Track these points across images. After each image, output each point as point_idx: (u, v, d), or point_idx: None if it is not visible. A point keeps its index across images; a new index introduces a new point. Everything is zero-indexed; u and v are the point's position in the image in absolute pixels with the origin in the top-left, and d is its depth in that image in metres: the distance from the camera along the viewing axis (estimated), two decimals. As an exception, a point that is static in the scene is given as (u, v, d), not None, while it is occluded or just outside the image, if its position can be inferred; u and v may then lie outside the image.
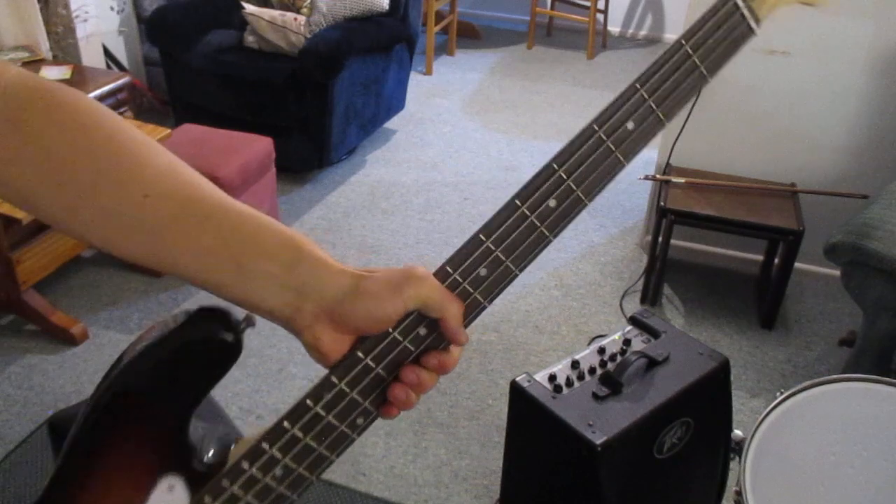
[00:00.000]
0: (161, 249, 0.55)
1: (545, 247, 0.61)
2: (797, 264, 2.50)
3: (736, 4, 0.56)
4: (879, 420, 1.37)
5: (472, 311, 0.59)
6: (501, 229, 0.58)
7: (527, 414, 1.49)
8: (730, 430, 1.56)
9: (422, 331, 0.58)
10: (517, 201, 0.58)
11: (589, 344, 1.74)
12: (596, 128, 0.57)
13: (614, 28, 5.41)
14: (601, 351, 1.53)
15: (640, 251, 2.93)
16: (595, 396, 1.41)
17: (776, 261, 2.59)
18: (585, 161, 0.57)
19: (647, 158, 3.55)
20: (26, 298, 2.35)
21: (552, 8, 5.29)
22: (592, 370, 1.48)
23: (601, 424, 1.35)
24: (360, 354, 0.58)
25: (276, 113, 3.20)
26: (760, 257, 2.75)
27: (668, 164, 2.67)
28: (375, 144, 3.68)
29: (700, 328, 2.54)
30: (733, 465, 1.58)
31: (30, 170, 0.54)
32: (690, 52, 0.56)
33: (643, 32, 5.42)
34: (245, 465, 0.60)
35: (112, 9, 3.59)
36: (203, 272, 0.55)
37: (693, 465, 1.58)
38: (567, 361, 1.50)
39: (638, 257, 2.89)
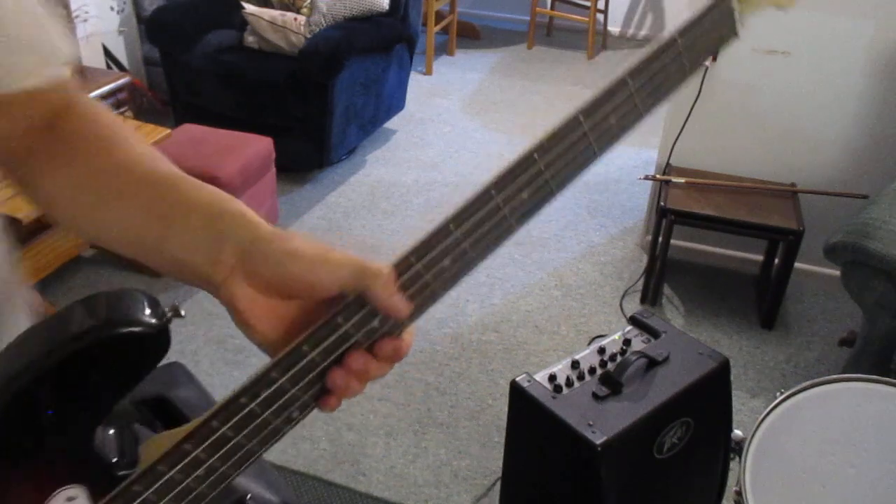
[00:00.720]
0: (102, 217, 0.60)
1: (507, 238, 0.59)
2: (797, 264, 2.50)
3: (731, 8, 0.57)
4: (880, 420, 1.37)
5: (428, 302, 0.57)
6: (472, 220, 0.56)
7: (527, 414, 1.49)
8: (730, 430, 1.56)
9: (375, 323, 0.56)
10: (492, 191, 0.56)
11: (589, 344, 1.74)
12: (581, 119, 0.57)
13: (614, 28, 5.41)
14: (601, 351, 1.53)
15: (641, 251, 2.93)
16: (595, 396, 1.41)
17: (776, 261, 2.59)
18: (564, 154, 0.57)
19: (647, 158, 3.55)
20: (26, 298, 2.35)
21: (552, 8, 5.29)
22: (592, 370, 1.48)
23: (601, 424, 1.35)
24: (304, 348, 0.53)
25: (276, 113, 3.20)
26: (760, 257, 2.75)
27: (668, 164, 2.67)
28: (375, 144, 3.68)
29: (700, 328, 2.54)
30: (733, 465, 1.58)
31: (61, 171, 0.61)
32: (682, 49, 0.56)
33: (643, 32, 5.42)
34: (162, 468, 0.54)
35: (112, 9, 3.60)
36: (132, 232, 0.58)
37: (693, 465, 1.58)
38: (567, 361, 1.50)
39: (638, 257, 2.89)
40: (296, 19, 3.23)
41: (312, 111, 3.15)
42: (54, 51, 0.65)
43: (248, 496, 0.65)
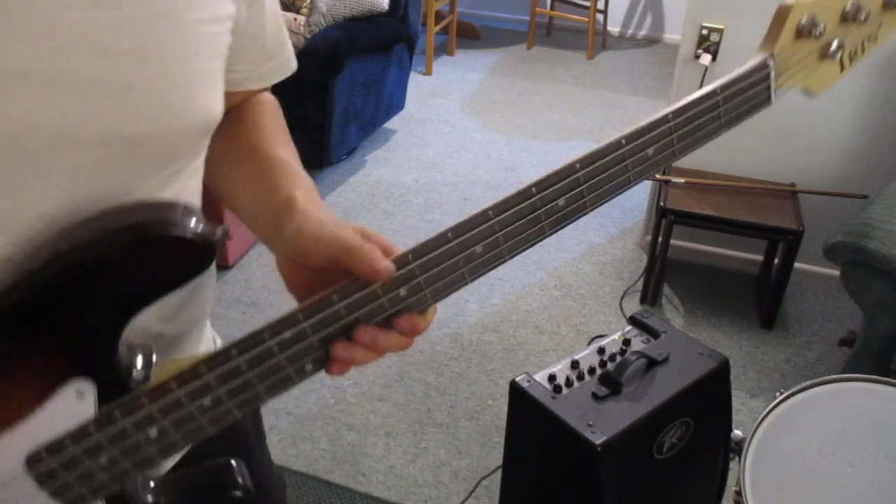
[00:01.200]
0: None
1: (498, 264, 0.59)
2: (797, 264, 2.50)
3: (769, 74, 0.61)
4: (879, 420, 1.37)
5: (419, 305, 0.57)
6: (469, 234, 0.57)
7: (527, 414, 1.49)
8: (729, 430, 1.56)
9: (402, 292, 0.56)
10: (490, 212, 0.57)
11: (589, 344, 1.75)
12: (623, 142, 0.59)
13: (614, 28, 5.41)
14: (601, 351, 1.53)
15: (640, 251, 2.93)
16: (595, 396, 1.41)
17: (776, 261, 2.59)
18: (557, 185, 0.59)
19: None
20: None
21: (552, 8, 5.29)
22: (592, 370, 1.48)
23: (601, 424, 1.35)
24: (334, 297, 0.54)
25: (275, 113, 3.19)
26: (760, 257, 2.75)
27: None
28: (375, 144, 3.68)
29: (700, 328, 2.54)
30: (733, 464, 1.58)
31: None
32: (721, 102, 0.60)
33: (643, 32, 5.42)
34: (173, 385, 0.54)
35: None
36: (243, 201, 0.70)
37: (693, 465, 1.58)
38: (567, 361, 1.50)
39: (638, 257, 2.89)
40: (295, 19, 3.23)
41: (312, 111, 3.15)
42: (289, 55, 0.78)
43: (235, 462, 0.65)
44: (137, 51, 0.53)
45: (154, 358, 0.58)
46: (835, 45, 0.61)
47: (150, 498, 0.61)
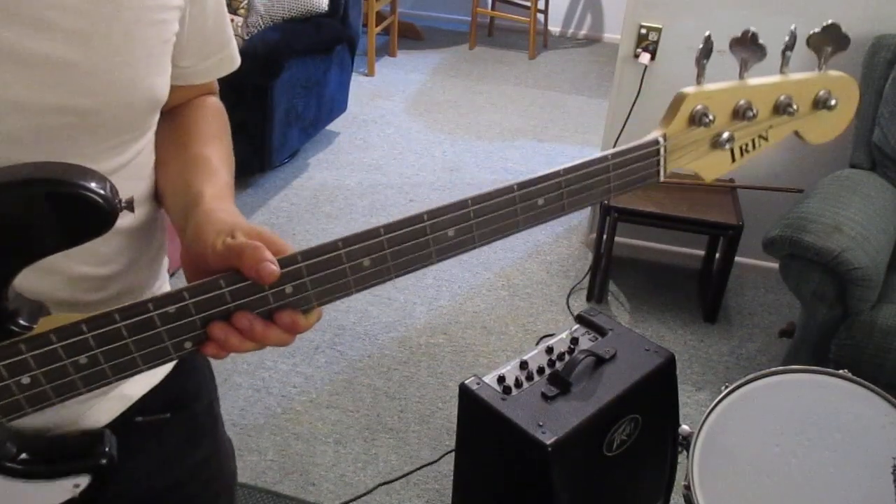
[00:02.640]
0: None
1: (384, 280, 0.61)
2: (737, 258, 2.55)
3: (659, 151, 0.65)
4: (819, 410, 1.40)
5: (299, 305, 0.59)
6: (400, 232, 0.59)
7: (477, 416, 1.48)
8: (677, 424, 1.58)
9: (288, 289, 0.57)
10: (381, 230, 0.59)
11: (537, 344, 1.75)
12: (515, 188, 0.63)
13: (555, 28, 5.46)
14: (549, 350, 1.53)
15: (585, 249, 2.95)
16: (544, 397, 1.41)
17: (717, 255, 2.65)
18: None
19: (590, 156, 3.58)
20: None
21: (493, 8, 5.31)
22: (541, 370, 1.48)
23: (551, 424, 1.35)
24: (221, 282, 0.56)
25: (214, 116, 3.12)
26: (702, 252, 2.80)
27: (610, 162, 2.69)
28: (318, 147, 3.63)
29: (645, 324, 2.57)
30: (681, 459, 1.59)
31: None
32: (612, 168, 0.65)
33: (583, 32, 5.48)
34: (53, 337, 0.54)
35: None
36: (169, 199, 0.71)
37: (642, 460, 1.59)
38: (516, 362, 1.50)
39: (583, 255, 2.92)
40: (233, 20, 3.16)
41: (252, 114, 3.08)
42: (233, 52, 0.79)
43: (105, 447, 0.67)
44: (84, 32, 0.57)
45: (43, 312, 0.59)
46: (724, 136, 0.66)
47: (10, 447, 0.63)
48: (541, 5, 4.97)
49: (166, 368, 0.80)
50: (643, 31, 2.53)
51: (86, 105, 0.59)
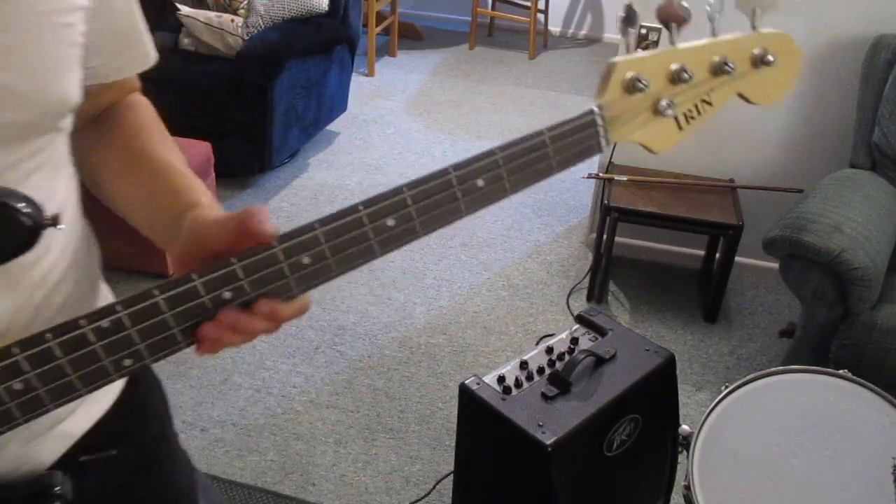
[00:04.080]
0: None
1: (326, 279, 0.60)
2: (737, 258, 2.55)
3: (595, 122, 0.64)
4: (819, 410, 1.40)
5: (281, 293, 0.58)
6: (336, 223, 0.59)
7: (477, 416, 1.48)
8: (677, 424, 1.58)
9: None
10: (360, 207, 0.59)
11: (537, 344, 1.74)
12: (451, 170, 0.62)
13: (555, 28, 5.46)
14: (549, 350, 1.53)
15: (586, 249, 2.95)
16: (544, 397, 1.41)
17: (717, 255, 2.64)
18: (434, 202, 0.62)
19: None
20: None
21: (493, 8, 5.31)
22: (541, 370, 1.48)
23: (551, 425, 1.35)
24: (192, 276, 0.55)
25: (214, 117, 3.12)
26: (702, 252, 2.80)
27: (610, 161, 2.69)
28: (318, 147, 3.63)
29: (645, 324, 2.57)
30: (681, 459, 1.59)
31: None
32: (549, 142, 0.64)
33: (583, 32, 5.48)
34: (16, 350, 0.53)
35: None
36: (136, 206, 0.72)
37: (642, 460, 1.59)
38: (516, 362, 1.50)
39: (583, 255, 2.92)
40: (232, 21, 3.17)
41: (252, 114, 3.08)
42: (147, 47, 0.78)
43: (57, 487, 0.66)
44: None
45: None
46: (664, 102, 0.66)
47: None
48: (541, 5, 4.97)
49: (109, 399, 0.77)
50: (643, 31, 2.53)
51: None
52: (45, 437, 0.69)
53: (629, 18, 0.67)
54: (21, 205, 0.53)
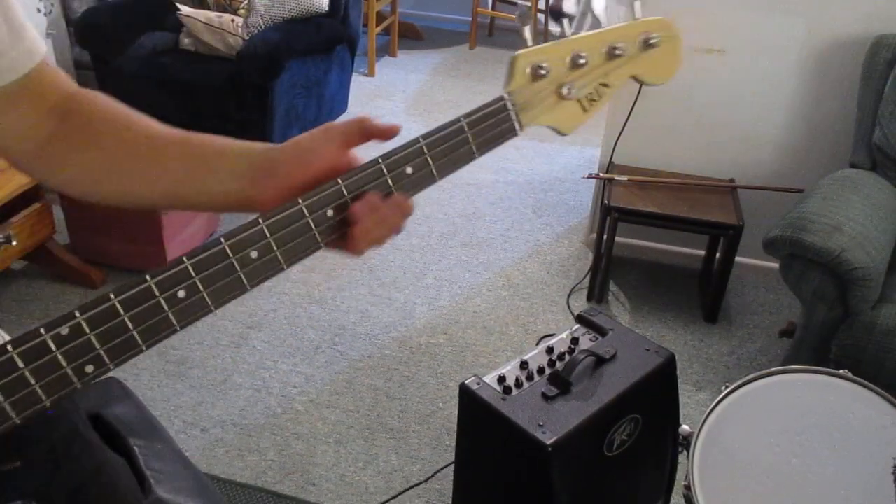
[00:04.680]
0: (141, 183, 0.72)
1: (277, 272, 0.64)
2: (738, 258, 2.55)
3: (506, 107, 0.72)
4: (820, 410, 1.40)
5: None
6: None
7: (477, 416, 1.48)
8: (677, 424, 1.58)
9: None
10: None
11: (537, 344, 1.74)
12: (380, 160, 0.68)
13: (555, 28, 5.46)
14: (549, 350, 1.53)
15: (586, 249, 2.95)
16: (545, 397, 1.41)
17: (717, 255, 2.64)
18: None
19: (590, 157, 3.59)
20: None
21: (493, 8, 5.31)
22: (541, 370, 1.48)
23: (551, 425, 1.35)
24: (111, 295, 0.56)
25: (214, 117, 3.12)
26: (702, 252, 2.80)
27: (610, 161, 2.69)
28: (318, 147, 3.62)
29: (646, 323, 2.57)
30: (682, 459, 1.59)
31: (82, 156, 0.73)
32: (467, 128, 0.71)
33: (584, 32, 5.47)
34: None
35: (39, 10, 3.46)
36: (172, 186, 0.72)
37: (642, 460, 1.59)
38: (516, 362, 1.50)
39: (584, 255, 2.92)
40: (233, 21, 3.17)
41: (252, 114, 3.09)
42: (33, 43, 0.75)
43: None
44: None
45: None
46: (566, 87, 0.73)
47: None
48: (541, 5, 4.97)
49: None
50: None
51: None
52: None
53: (524, 16, 0.76)
54: None
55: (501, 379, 1.46)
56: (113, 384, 1.21)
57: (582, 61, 0.73)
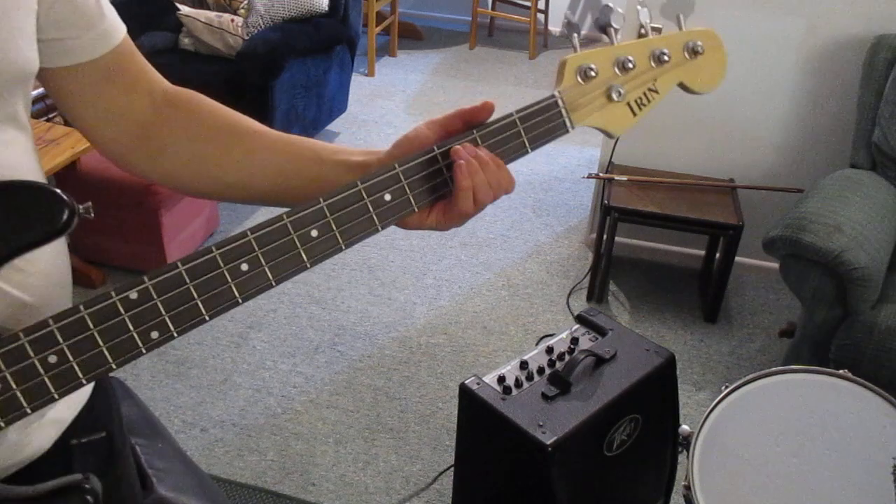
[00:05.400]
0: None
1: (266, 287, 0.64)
2: (738, 258, 2.55)
3: (557, 104, 0.74)
4: (820, 410, 1.40)
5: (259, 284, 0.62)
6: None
7: (477, 416, 1.48)
8: (677, 424, 1.58)
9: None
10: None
11: (537, 343, 1.75)
12: (436, 148, 0.69)
13: (555, 28, 5.46)
14: (549, 350, 1.53)
15: (586, 249, 2.95)
16: (544, 397, 1.41)
17: (717, 255, 2.64)
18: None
19: (590, 157, 3.59)
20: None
21: (493, 8, 5.31)
22: (541, 370, 1.48)
23: (551, 425, 1.35)
24: (112, 293, 0.57)
25: (214, 117, 3.12)
26: (702, 252, 2.80)
27: (610, 162, 2.69)
28: (318, 147, 3.62)
29: (645, 323, 2.57)
30: (681, 458, 1.59)
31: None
32: (519, 122, 0.73)
33: (584, 32, 5.45)
34: (21, 335, 0.55)
35: (39, 11, 3.46)
36: (282, 180, 0.77)
37: (642, 460, 1.59)
38: (516, 362, 1.50)
39: (583, 255, 2.92)
40: (233, 21, 3.17)
41: (252, 114, 3.07)
42: (113, 23, 0.74)
43: (92, 478, 0.67)
44: None
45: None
46: (615, 89, 0.76)
47: None
48: (541, 5, 4.97)
49: (88, 389, 0.79)
50: (643, 31, 2.53)
51: None
52: (39, 424, 0.71)
53: (570, 26, 0.79)
54: (60, 192, 0.56)
55: (501, 379, 1.46)
56: (113, 383, 1.21)
57: (630, 65, 0.76)
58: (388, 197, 0.66)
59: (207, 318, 0.60)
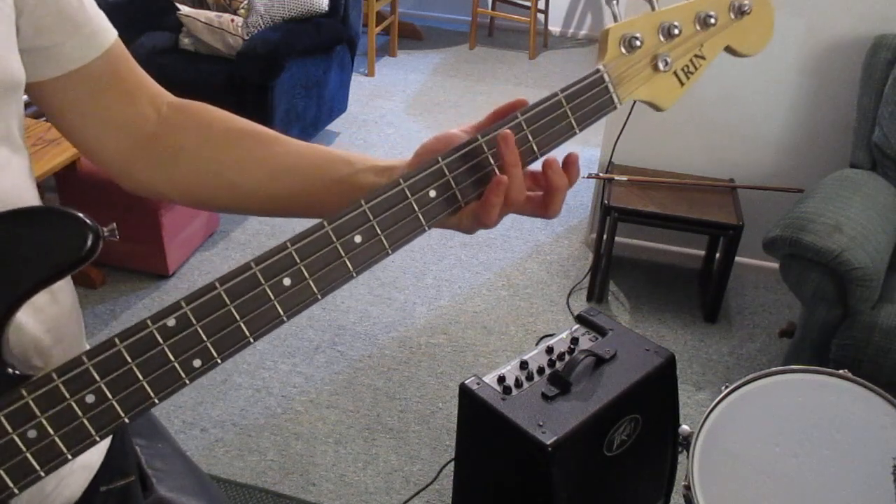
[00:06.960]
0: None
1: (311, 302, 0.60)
2: (738, 258, 2.55)
3: (603, 79, 0.68)
4: (819, 410, 1.40)
5: (269, 321, 0.58)
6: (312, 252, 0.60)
7: (477, 416, 1.48)
8: (677, 424, 1.58)
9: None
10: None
11: (537, 344, 1.74)
12: (479, 137, 0.64)
13: (555, 28, 5.46)
14: (549, 350, 1.53)
15: (586, 249, 2.95)
16: (544, 397, 1.41)
17: (717, 255, 2.64)
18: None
19: (590, 157, 3.58)
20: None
21: (493, 8, 5.31)
22: (541, 370, 1.48)
23: (551, 424, 1.35)
24: (148, 321, 0.54)
25: (214, 116, 3.12)
26: (702, 252, 2.80)
27: (610, 161, 2.69)
28: (318, 147, 3.62)
29: (645, 323, 2.57)
30: (681, 458, 1.59)
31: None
32: (565, 102, 0.66)
33: (583, 32, 5.48)
34: (55, 375, 0.51)
35: (39, 11, 3.46)
36: (314, 194, 0.73)
37: (642, 460, 1.59)
38: (516, 362, 1.50)
39: (583, 255, 2.92)
40: (233, 21, 3.17)
41: (252, 114, 3.06)
42: (101, 26, 0.69)
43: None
44: None
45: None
46: (661, 58, 0.70)
47: None
48: (541, 5, 4.97)
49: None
50: None
51: None
52: (71, 470, 0.69)
53: None
54: (83, 215, 0.53)
55: (501, 379, 1.46)
56: None
57: (676, 31, 0.70)
58: (432, 193, 0.61)
59: (252, 340, 0.57)
